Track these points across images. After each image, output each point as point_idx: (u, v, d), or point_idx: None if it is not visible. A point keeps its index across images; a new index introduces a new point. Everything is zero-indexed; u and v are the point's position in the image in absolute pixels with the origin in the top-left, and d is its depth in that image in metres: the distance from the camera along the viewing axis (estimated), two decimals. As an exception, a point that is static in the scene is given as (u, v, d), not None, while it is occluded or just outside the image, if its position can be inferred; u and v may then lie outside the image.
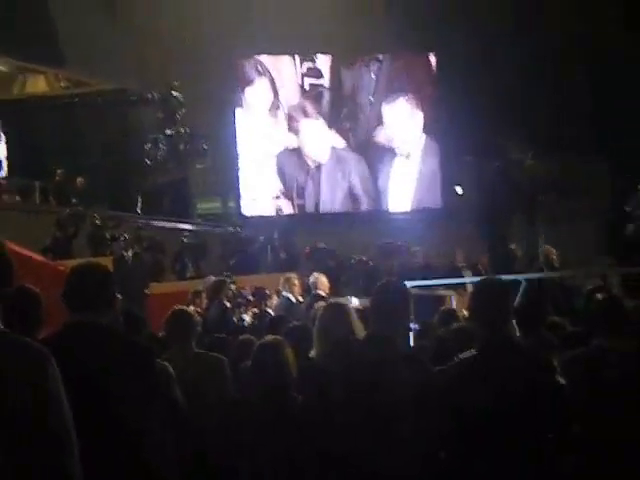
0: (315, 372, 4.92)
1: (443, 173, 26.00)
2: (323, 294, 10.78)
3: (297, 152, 25.29)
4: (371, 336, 4.54)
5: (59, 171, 21.49)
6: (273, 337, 5.24)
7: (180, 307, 6.48)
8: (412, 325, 5.36)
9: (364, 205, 25.86)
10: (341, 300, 6.21)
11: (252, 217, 24.45)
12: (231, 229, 21.32)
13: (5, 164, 21.54)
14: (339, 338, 5.01)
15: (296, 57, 25.37)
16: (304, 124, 25.35)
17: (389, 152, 25.90)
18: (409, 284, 5.20)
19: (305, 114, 25.40)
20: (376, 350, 4.38)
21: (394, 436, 4.23)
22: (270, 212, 24.95)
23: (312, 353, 5.43)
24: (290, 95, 25.41)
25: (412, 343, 6.57)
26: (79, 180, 21.39)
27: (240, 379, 5.86)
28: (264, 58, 25.32)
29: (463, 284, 13.12)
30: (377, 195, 26.03)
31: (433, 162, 26.12)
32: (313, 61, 25.60)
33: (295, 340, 5.46)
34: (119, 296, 4.16)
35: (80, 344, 3.71)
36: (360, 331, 4.99)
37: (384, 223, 23.65)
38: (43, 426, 2.78)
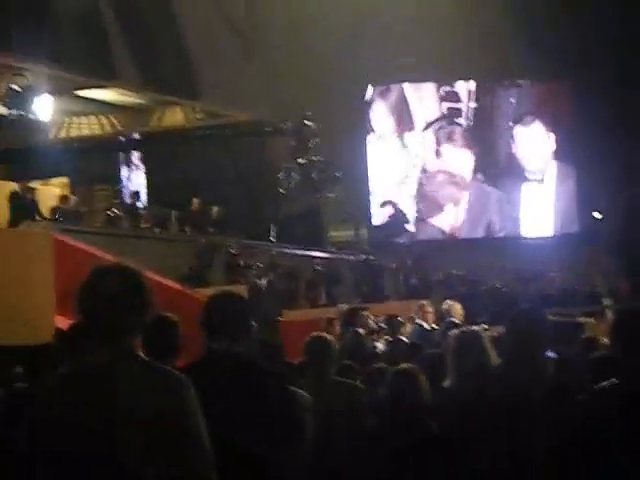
0: (450, 400, 4.84)
1: (580, 198, 25.49)
2: (457, 321, 10.64)
3: (435, 177, 25.22)
4: (507, 365, 4.44)
5: (195, 200, 21.97)
6: (407, 365, 5.19)
7: (319, 333, 6.46)
8: (549, 353, 5.22)
9: (499, 231, 25.56)
10: (475, 328, 6.10)
11: (384, 244, 24.43)
12: (363, 256, 21.33)
13: (144, 194, 22.15)
14: (473, 366, 4.91)
15: (434, 83, 25.40)
16: (445, 149, 25.29)
17: (523, 177, 25.60)
18: (546, 311, 5.07)
19: (448, 139, 25.35)
20: (514, 379, 4.28)
21: (535, 464, 4.12)
22: (402, 239, 24.91)
23: (447, 382, 5.35)
24: (428, 120, 25.42)
25: (550, 372, 6.40)
26: (215, 209, 21.81)
27: (374, 407, 5.82)
28: (398, 86, 25.39)
29: (602, 310, 12.77)
30: (513, 221, 25.71)
31: (569, 187, 25.66)
32: (451, 86, 25.56)
33: (430, 368, 5.39)
34: (254, 323, 4.19)
35: (218, 372, 3.74)
36: (494, 359, 4.89)
37: (519, 249, 23.26)
38: (184, 456, 2.81)
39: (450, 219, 25.41)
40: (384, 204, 25.70)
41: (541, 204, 25.63)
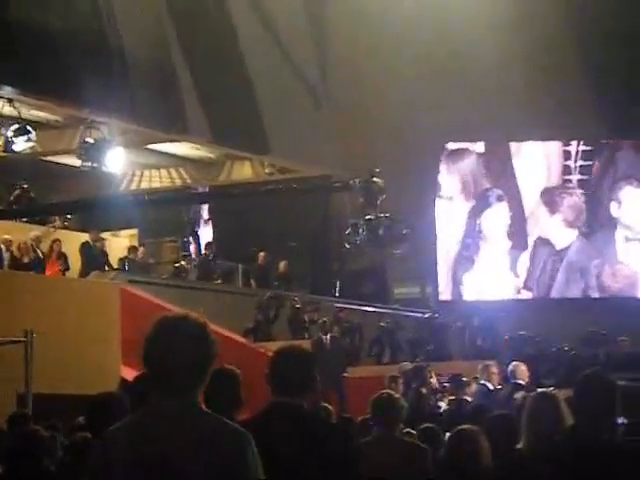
0: (521, 464, 4.74)
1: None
2: (522, 383, 10.49)
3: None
4: (575, 430, 4.34)
5: (261, 254, 22.10)
6: (468, 426, 5.11)
7: (387, 391, 6.41)
8: (620, 420, 5.09)
9: (583, 291, 25.27)
10: (551, 390, 5.98)
11: (448, 302, 24.25)
12: (428, 314, 21.19)
13: (212, 247, 22.32)
14: (546, 430, 4.81)
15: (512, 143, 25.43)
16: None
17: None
18: (615, 376, 4.96)
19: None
20: (583, 443, 4.18)
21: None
22: (469, 297, 24.72)
23: (520, 444, 5.24)
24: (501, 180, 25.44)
25: (620, 439, 6.24)
26: (282, 264, 21.89)
27: (435, 467, 5.73)
28: (472, 145, 25.43)
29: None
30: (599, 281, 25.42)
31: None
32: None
33: (499, 430, 5.29)
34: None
35: (283, 426, 3.73)
36: (569, 422, 4.79)
37: (587, 311, 22.87)
38: None
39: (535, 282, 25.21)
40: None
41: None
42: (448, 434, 5.58)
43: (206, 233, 25.10)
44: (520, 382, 10.52)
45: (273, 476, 2.92)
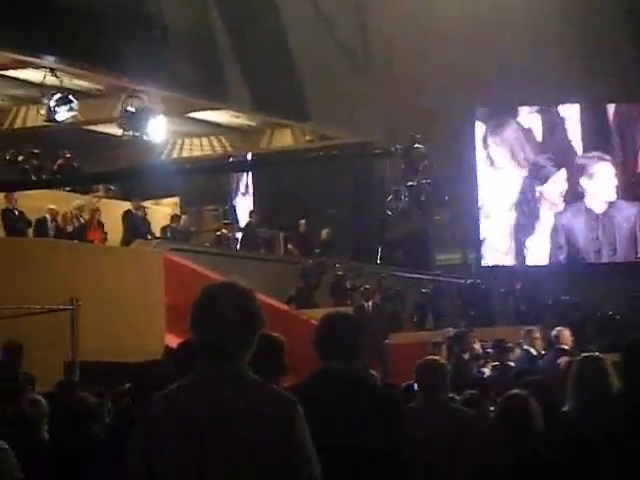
0: (568, 427, 4.73)
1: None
2: (566, 348, 10.44)
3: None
4: (623, 395, 4.31)
5: (302, 222, 22.12)
6: (518, 391, 5.12)
7: (432, 357, 6.40)
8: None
9: (620, 255, 25.01)
10: (597, 354, 5.93)
11: (492, 268, 24.17)
12: (471, 280, 21.12)
13: (254, 215, 22.37)
14: (597, 393, 4.79)
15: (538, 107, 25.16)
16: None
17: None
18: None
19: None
20: (629, 409, 4.15)
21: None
22: (511, 262, 24.63)
23: (566, 407, 5.22)
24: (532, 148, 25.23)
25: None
26: (325, 231, 21.90)
27: (482, 433, 5.73)
28: (511, 111, 25.28)
29: None
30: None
31: None
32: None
33: (541, 393, 5.29)
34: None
35: (332, 392, 3.74)
36: (617, 385, 4.76)
37: (636, 275, 22.62)
38: (291, 476, 2.80)
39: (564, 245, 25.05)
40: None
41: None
42: (497, 399, 5.57)
43: (246, 201, 25.16)
44: (564, 347, 10.47)
45: (322, 441, 2.93)
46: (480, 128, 25.40)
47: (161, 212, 21.09)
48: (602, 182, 25.08)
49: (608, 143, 25.40)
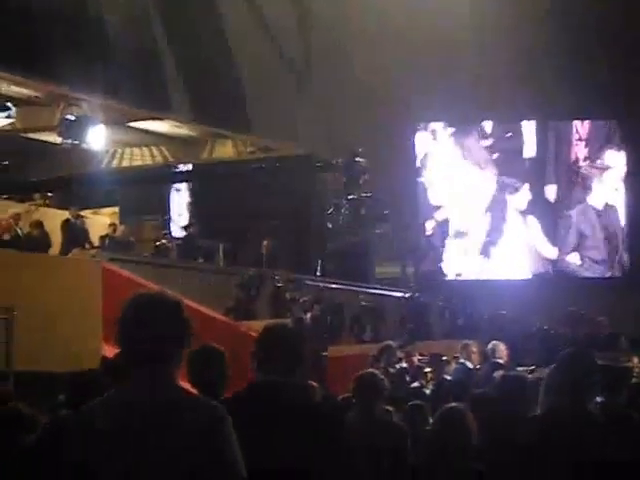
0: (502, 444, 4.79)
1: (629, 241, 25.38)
2: (502, 362, 10.56)
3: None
4: (556, 409, 4.37)
5: (243, 233, 22.10)
6: (456, 404, 5.17)
7: (370, 370, 6.45)
8: (598, 398, 5.14)
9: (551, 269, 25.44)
10: (521, 371, 6.04)
11: (431, 282, 24.36)
12: (409, 294, 21.26)
13: (193, 226, 22.29)
14: (515, 411, 4.86)
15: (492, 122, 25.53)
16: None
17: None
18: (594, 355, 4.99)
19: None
20: (561, 424, 4.21)
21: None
22: (451, 277, 24.87)
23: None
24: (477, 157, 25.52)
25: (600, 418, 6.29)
26: (265, 243, 21.89)
27: (418, 445, 5.77)
28: (449, 126, 25.53)
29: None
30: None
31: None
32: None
33: (479, 407, 5.35)
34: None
35: (268, 405, 3.74)
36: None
37: (570, 290, 23.01)
38: None
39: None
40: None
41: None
42: (432, 412, 5.63)
43: (187, 211, 25.06)
44: (499, 361, 10.59)
45: (254, 456, 2.93)
46: (428, 140, 25.61)
47: (100, 221, 20.90)
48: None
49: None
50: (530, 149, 25.77)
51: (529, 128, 25.85)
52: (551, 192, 25.56)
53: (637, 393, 6.84)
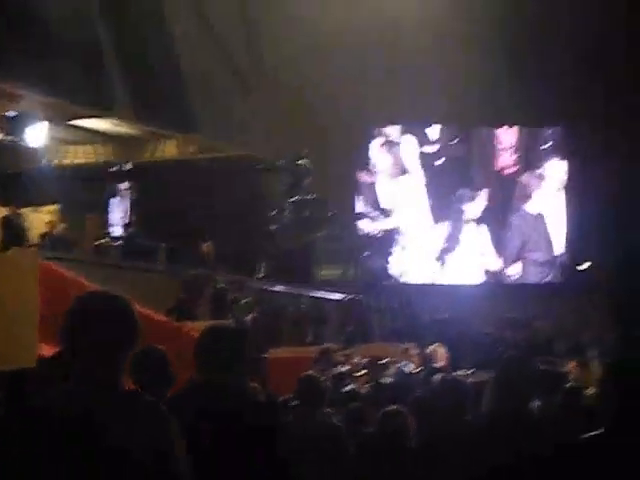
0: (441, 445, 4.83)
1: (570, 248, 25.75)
2: (440, 365, 10.63)
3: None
4: (495, 412, 4.41)
5: (185, 234, 21.95)
6: (395, 407, 5.19)
7: (312, 373, 6.46)
8: (537, 402, 5.20)
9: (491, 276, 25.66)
10: (460, 375, 6.08)
11: (372, 285, 24.44)
12: (350, 296, 21.31)
13: (133, 225, 22.13)
14: (450, 415, 4.90)
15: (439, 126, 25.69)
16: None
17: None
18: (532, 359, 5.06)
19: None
20: (501, 427, 4.25)
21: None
22: (392, 280, 24.97)
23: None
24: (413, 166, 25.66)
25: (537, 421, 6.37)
26: (207, 244, 21.80)
27: (359, 446, 5.79)
28: (393, 129, 25.62)
29: (587, 361, 12.75)
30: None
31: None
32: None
33: (419, 412, 5.38)
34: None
35: (208, 404, 3.72)
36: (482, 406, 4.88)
37: (508, 296, 23.29)
38: None
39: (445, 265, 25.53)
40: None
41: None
42: (372, 415, 5.64)
43: (128, 210, 24.84)
44: (437, 365, 10.66)
45: (193, 454, 2.91)
46: (377, 144, 25.69)
47: (39, 219, 20.64)
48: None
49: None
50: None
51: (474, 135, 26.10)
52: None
53: (572, 396, 6.95)
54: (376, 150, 25.84)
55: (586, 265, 25.39)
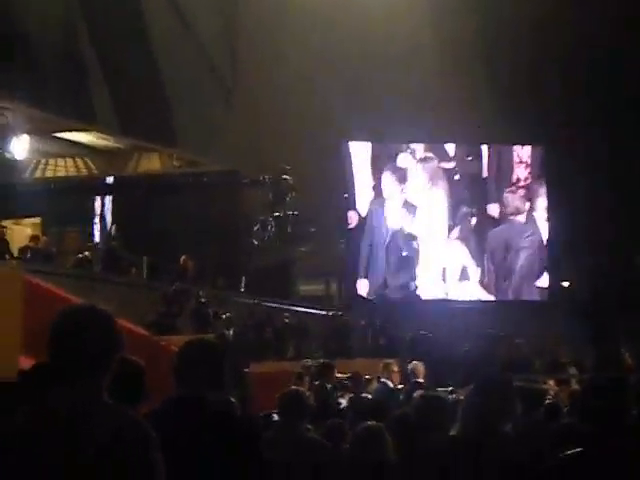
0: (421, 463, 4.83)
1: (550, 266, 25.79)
2: (421, 382, 10.66)
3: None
4: (474, 428, 4.43)
5: (167, 248, 21.91)
6: (374, 423, 5.20)
7: (295, 388, 6.45)
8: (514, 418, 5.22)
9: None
10: (440, 392, 6.10)
11: (354, 301, 24.44)
12: (333, 312, 21.32)
13: (116, 238, 22.07)
14: (433, 431, 4.90)
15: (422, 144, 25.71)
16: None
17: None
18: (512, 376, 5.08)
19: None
20: (479, 443, 4.26)
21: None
22: (374, 296, 24.94)
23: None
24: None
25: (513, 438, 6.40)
26: (187, 257, 21.76)
27: (337, 462, 5.79)
28: (379, 145, 25.68)
29: (566, 379, 12.83)
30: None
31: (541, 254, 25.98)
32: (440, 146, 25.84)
33: (401, 428, 5.39)
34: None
35: (187, 420, 3.71)
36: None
37: (487, 313, 23.34)
38: None
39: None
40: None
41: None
42: (351, 430, 5.66)
43: (110, 224, 24.78)
44: (419, 381, 10.69)
45: (173, 469, 2.92)
46: (362, 160, 25.66)
47: (21, 232, 20.56)
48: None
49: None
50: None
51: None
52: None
53: (551, 413, 7.01)
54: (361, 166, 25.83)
55: (566, 284, 25.52)
